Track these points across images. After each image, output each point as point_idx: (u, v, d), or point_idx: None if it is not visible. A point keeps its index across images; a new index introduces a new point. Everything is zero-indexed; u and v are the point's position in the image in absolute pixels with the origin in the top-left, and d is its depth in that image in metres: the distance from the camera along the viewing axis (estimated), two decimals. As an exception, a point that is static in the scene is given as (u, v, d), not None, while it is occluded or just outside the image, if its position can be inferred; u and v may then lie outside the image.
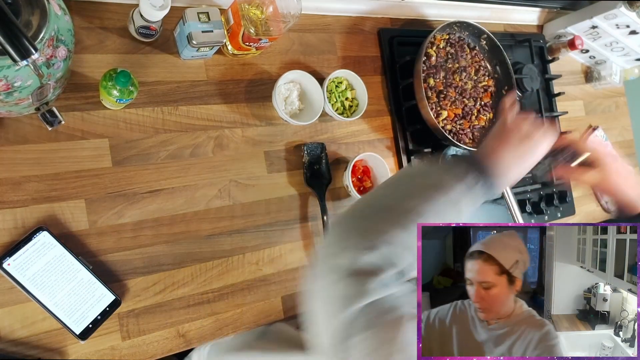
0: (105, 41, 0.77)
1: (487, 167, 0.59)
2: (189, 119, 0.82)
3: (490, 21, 1.26)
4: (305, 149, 0.92)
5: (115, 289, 0.72)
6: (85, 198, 0.73)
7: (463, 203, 0.57)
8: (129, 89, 0.70)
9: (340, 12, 1.01)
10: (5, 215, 0.67)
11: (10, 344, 0.66)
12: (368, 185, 0.96)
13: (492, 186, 0.58)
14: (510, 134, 0.63)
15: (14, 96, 0.57)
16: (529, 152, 0.63)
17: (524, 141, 0.63)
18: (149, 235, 0.76)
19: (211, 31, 0.77)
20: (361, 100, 0.98)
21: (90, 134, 0.74)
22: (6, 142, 0.69)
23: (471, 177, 0.57)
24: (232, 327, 0.81)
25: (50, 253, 0.68)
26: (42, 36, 0.54)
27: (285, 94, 0.91)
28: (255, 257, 0.85)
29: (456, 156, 0.60)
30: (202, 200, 0.81)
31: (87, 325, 0.69)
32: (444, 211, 0.56)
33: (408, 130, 1.04)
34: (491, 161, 0.60)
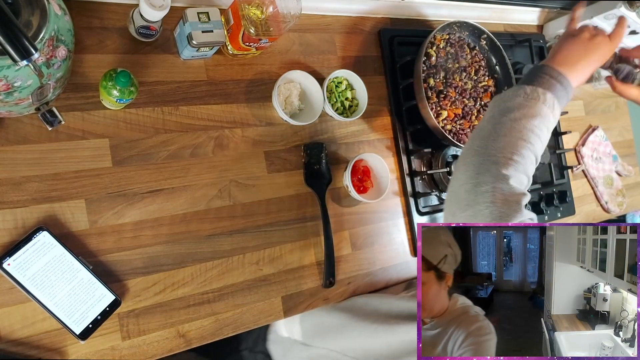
0: (105, 41, 0.77)
1: (562, 74, 0.70)
2: (189, 119, 0.82)
3: (490, 21, 1.26)
4: (305, 149, 0.92)
5: (115, 289, 0.72)
6: (86, 198, 0.73)
7: (556, 107, 0.68)
8: (129, 89, 0.71)
9: (340, 12, 1.01)
10: (5, 215, 0.67)
11: (10, 344, 0.66)
12: (368, 186, 0.96)
13: (569, 86, 0.70)
14: (577, 39, 0.74)
15: (14, 96, 0.57)
16: (593, 52, 0.74)
17: (589, 43, 0.74)
18: (149, 235, 0.76)
19: (211, 31, 0.77)
20: (361, 100, 0.98)
21: (90, 134, 0.74)
22: (6, 142, 0.69)
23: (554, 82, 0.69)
24: (232, 327, 0.81)
25: (50, 253, 0.68)
26: (42, 36, 0.54)
27: (285, 94, 0.91)
28: (256, 257, 0.85)
29: (531, 69, 0.73)
30: (202, 200, 0.81)
31: (87, 325, 0.69)
32: (548, 118, 0.67)
33: (408, 130, 1.04)
34: (564, 68, 0.71)
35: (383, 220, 1.00)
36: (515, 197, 0.59)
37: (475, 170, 0.62)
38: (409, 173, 1.03)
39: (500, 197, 0.59)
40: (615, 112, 1.50)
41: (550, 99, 0.67)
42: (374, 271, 0.97)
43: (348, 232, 0.95)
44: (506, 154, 0.62)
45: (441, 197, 1.07)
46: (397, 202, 1.02)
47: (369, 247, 0.97)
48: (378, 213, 0.99)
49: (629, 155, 1.51)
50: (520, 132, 0.64)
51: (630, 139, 1.54)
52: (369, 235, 0.97)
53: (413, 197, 1.03)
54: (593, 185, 1.38)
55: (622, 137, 1.51)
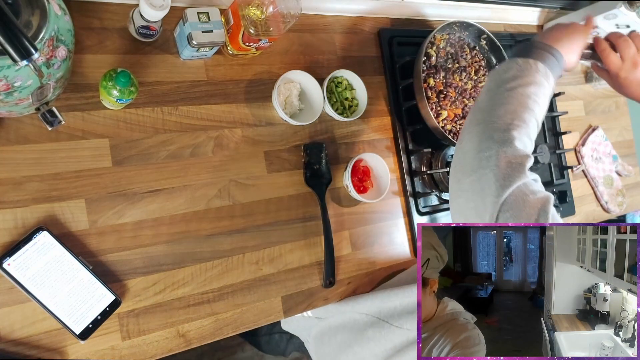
0: (105, 41, 0.77)
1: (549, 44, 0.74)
2: (189, 119, 0.82)
3: (490, 21, 1.26)
4: (305, 149, 0.92)
5: (115, 289, 0.72)
6: (86, 198, 0.73)
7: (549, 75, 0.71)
8: (129, 89, 0.70)
9: (340, 12, 1.01)
10: (5, 215, 0.67)
11: (10, 344, 0.66)
12: (368, 186, 0.96)
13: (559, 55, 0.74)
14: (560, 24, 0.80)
15: (14, 96, 0.57)
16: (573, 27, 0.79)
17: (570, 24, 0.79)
18: (149, 235, 0.76)
19: (211, 31, 0.77)
20: (361, 100, 0.98)
21: (90, 133, 0.74)
22: (6, 142, 0.69)
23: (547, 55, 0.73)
24: (232, 327, 0.81)
25: (50, 253, 0.68)
26: (42, 36, 0.54)
27: (285, 94, 0.91)
28: (255, 256, 0.85)
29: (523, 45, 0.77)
30: (202, 200, 0.81)
31: (87, 325, 0.69)
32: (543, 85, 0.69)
33: (408, 130, 1.04)
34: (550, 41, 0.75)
35: (383, 220, 1.00)
36: (518, 158, 0.61)
37: (478, 138, 0.64)
38: (409, 173, 1.03)
39: (504, 159, 0.60)
40: (615, 112, 1.50)
41: (543, 69, 0.70)
42: (374, 271, 0.97)
43: (348, 232, 0.95)
44: (507, 120, 0.64)
45: (441, 197, 1.07)
46: (397, 202, 1.02)
47: (369, 247, 0.97)
48: (378, 213, 0.99)
49: (629, 155, 1.51)
50: (518, 100, 0.66)
51: (630, 139, 1.54)
52: (369, 235, 0.97)
53: (413, 197, 1.03)
54: (593, 185, 1.38)
55: (622, 137, 1.51)
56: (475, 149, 0.63)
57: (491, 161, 0.60)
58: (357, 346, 0.89)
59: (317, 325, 0.99)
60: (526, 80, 0.68)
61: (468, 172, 0.62)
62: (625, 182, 1.47)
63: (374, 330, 0.88)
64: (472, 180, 0.62)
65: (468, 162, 0.63)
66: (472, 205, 0.61)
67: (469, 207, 0.61)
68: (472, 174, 0.62)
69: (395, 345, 0.85)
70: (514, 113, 0.64)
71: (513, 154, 0.61)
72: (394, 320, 0.85)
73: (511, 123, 0.63)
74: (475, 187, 0.61)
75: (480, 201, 0.59)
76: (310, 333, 1.03)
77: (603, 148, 1.41)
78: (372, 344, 0.87)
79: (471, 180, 0.62)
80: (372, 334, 0.88)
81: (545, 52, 0.72)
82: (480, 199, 0.60)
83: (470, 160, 0.63)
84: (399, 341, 0.85)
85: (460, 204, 0.64)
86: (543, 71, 0.70)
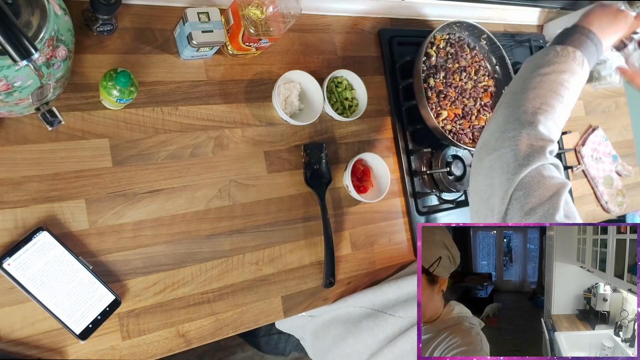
0: (105, 41, 0.77)
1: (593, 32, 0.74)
2: (189, 119, 0.82)
3: (490, 21, 1.26)
4: (305, 149, 0.92)
5: (115, 289, 0.72)
6: (85, 198, 0.73)
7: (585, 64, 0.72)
8: (129, 89, 0.70)
9: (340, 12, 1.01)
10: (5, 215, 0.67)
11: (10, 344, 0.66)
12: (368, 186, 0.96)
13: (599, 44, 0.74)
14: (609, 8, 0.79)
15: (14, 96, 0.57)
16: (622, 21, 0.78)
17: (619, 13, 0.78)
18: (149, 235, 0.76)
19: (211, 31, 0.77)
20: (361, 100, 0.98)
21: (90, 134, 0.74)
22: (6, 142, 0.69)
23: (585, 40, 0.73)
24: (232, 327, 0.81)
25: (50, 253, 0.68)
26: (42, 36, 0.54)
27: (285, 94, 0.91)
28: (255, 257, 0.85)
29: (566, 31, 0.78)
30: (202, 200, 0.81)
31: (87, 325, 0.69)
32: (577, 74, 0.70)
33: (408, 130, 1.04)
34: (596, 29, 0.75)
35: (383, 220, 1.00)
36: (540, 142, 0.62)
37: (504, 119, 0.66)
38: (408, 173, 1.03)
39: (526, 140, 0.62)
40: (615, 112, 1.50)
41: (580, 57, 0.71)
42: (374, 271, 0.97)
43: (348, 232, 0.95)
44: (535, 104, 0.65)
45: (441, 197, 1.07)
46: (397, 202, 1.02)
47: (369, 247, 0.97)
48: (378, 213, 0.99)
49: (629, 155, 1.51)
50: (550, 85, 0.67)
51: (630, 139, 1.54)
52: (369, 235, 0.97)
53: (413, 197, 1.03)
54: (593, 185, 1.38)
55: (622, 137, 1.51)
56: (500, 129, 0.65)
57: (513, 141, 0.62)
58: (351, 338, 0.90)
59: (311, 322, 0.99)
60: (561, 68, 0.69)
61: (490, 151, 0.64)
62: (625, 182, 1.47)
63: (368, 320, 0.88)
64: (492, 159, 0.63)
65: (492, 141, 0.65)
66: (489, 182, 0.63)
67: (486, 183, 0.63)
68: (494, 152, 0.63)
69: (388, 335, 0.85)
70: (543, 97, 0.66)
71: (536, 137, 0.62)
72: (387, 309, 0.86)
73: (539, 107, 0.65)
74: (495, 165, 0.63)
75: (497, 178, 0.61)
76: (304, 330, 1.03)
77: (603, 148, 1.41)
78: (365, 334, 0.88)
79: (492, 159, 0.63)
80: (365, 325, 0.88)
81: (586, 39, 0.73)
82: (497, 175, 0.61)
83: (494, 139, 0.65)
84: (392, 331, 0.85)
85: (478, 181, 0.65)
86: (580, 59, 0.71)
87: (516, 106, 0.66)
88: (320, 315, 0.97)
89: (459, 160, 1.08)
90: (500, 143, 0.63)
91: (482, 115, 1.10)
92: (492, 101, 1.13)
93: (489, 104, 1.12)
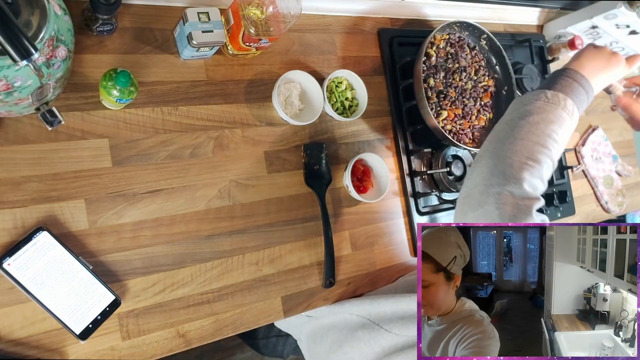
0: (105, 41, 0.77)
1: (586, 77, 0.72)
2: (189, 119, 0.82)
3: (490, 21, 1.26)
4: (305, 149, 0.92)
5: (115, 289, 0.72)
6: (85, 198, 0.73)
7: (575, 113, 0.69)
8: (129, 89, 0.70)
9: (340, 12, 1.01)
10: (5, 215, 0.67)
11: (10, 344, 0.66)
12: (368, 186, 0.96)
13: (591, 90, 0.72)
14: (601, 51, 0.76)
15: (14, 96, 0.57)
16: (614, 67, 0.76)
17: (612, 57, 0.76)
18: (149, 235, 0.76)
19: (211, 31, 0.77)
20: (361, 100, 0.98)
21: (90, 134, 0.74)
22: (6, 142, 0.69)
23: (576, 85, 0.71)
24: (232, 327, 0.81)
25: (50, 253, 0.68)
26: (42, 36, 0.54)
27: (285, 94, 0.91)
28: (255, 257, 0.85)
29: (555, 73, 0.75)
30: (202, 201, 0.81)
31: (87, 325, 0.69)
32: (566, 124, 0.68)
33: (408, 130, 1.04)
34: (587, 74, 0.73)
35: (383, 220, 1.00)
36: (526, 201, 0.60)
37: (489, 171, 0.63)
38: (409, 173, 1.03)
39: (511, 200, 0.60)
40: (615, 112, 1.50)
41: (570, 105, 0.68)
42: (374, 271, 0.97)
43: (348, 232, 0.95)
44: (521, 158, 0.63)
45: (441, 197, 1.07)
46: (397, 202, 1.02)
47: (369, 247, 0.97)
48: (378, 213, 0.99)
49: (629, 155, 1.51)
50: (537, 137, 0.64)
51: (630, 139, 1.54)
52: (369, 235, 0.97)
53: (413, 197, 1.03)
54: (593, 185, 1.38)
55: (622, 137, 1.51)
56: (484, 182, 0.63)
57: (498, 198, 0.60)
58: (347, 346, 0.90)
59: (309, 323, 0.99)
60: (550, 117, 0.66)
61: (474, 206, 0.62)
62: (625, 182, 1.47)
63: (364, 331, 0.88)
64: (477, 215, 0.62)
65: (476, 194, 0.63)
66: None
67: None
68: (478, 208, 0.62)
69: (384, 349, 0.85)
70: (530, 151, 0.63)
71: (521, 196, 0.60)
72: (383, 323, 0.85)
73: (525, 163, 0.62)
74: (480, 222, 0.61)
75: None
76: (302, 331, 1.03)
77: (603, 148, 1.41)
78: (361, 344, 0.88)
79: (476, 215, 0.62)
80: (361, 335, 0.88)
81: (577, 85, 0.70)
82: None
83: (478, 192, 0.63)
84: (387, 345, 0.85)
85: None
86: (570, 108, 0.68)
87: (502, 157, 0.64)
88: (317, 318, 0.97)
89: (459, 160, 1.08)
90: (485, 198, 0.61)
91: (482, 115, 1.10)
92: (492, 101, 1.13)
93: (489, 104, 1.12)
